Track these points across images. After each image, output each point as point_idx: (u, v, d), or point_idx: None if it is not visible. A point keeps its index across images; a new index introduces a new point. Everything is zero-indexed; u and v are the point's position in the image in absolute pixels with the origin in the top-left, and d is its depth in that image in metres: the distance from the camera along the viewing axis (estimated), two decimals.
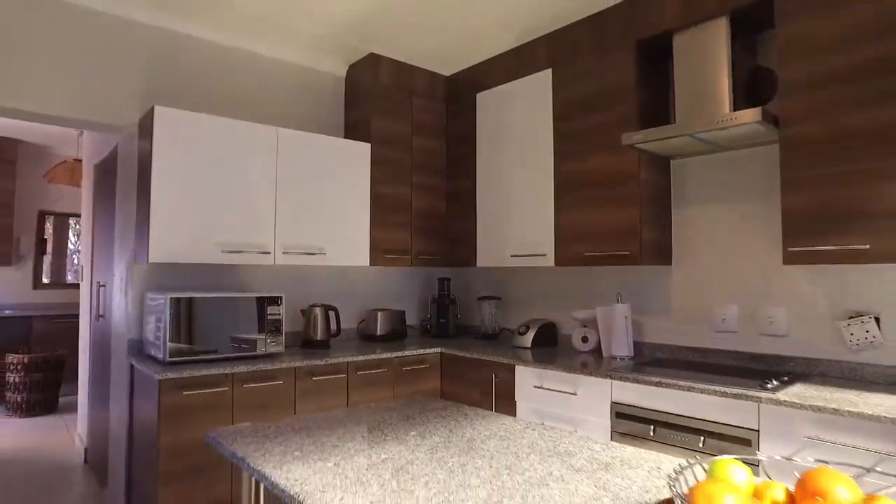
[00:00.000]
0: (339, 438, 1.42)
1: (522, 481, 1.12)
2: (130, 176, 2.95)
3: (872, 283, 2.22)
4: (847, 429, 1.77)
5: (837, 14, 2.05)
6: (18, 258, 5.95)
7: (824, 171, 2.07)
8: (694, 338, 2.74)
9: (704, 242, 2.72)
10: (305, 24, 2.99)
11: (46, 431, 4.55)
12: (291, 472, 1.17)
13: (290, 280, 3.32)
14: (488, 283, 3.78)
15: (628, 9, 2.72)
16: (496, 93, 3.36)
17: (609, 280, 3.09)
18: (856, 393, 1.97)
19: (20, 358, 4.95)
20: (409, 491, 1.07)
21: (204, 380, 2.41)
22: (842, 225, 2.02)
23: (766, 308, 2.50)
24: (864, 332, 2.22)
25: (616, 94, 2.73)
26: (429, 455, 1.29)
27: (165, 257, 2.56)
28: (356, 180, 3.24)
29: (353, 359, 2.85)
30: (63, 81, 2.68)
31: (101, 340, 3.50)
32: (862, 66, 1.99)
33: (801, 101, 2.13)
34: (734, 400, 2.02)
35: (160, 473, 2.31)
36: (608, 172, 2.74)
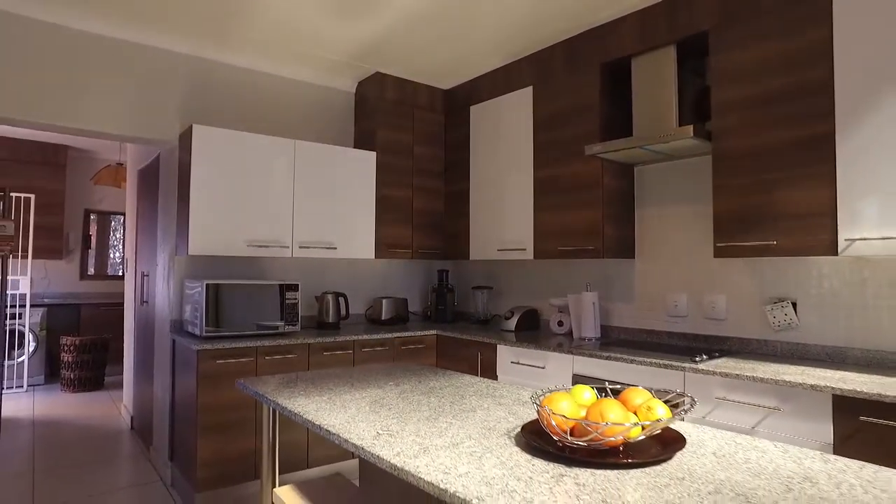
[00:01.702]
0: (334, 385, 1.90)
1: (458, 409, 1.58)
2: (171, 181, 3.48)
3: (790, 273, 2.61)
4: (745, 390, 2.18)
5: (754, 49, 2.45)
6: (68, 252, 6.60)
7: (744, 180, 2.47)
8: (651, 321, 3.15)
9: (661, 239, 3.13)
10: (320, 50, 3.47)
11: (96, 404, 5.16)
12: (296, 402, 1.65)
13: (306, 271, 3.82)
14: (482, 274, 4.23)
15: (595, 35, 3.14)
16: (487, 106, 3.80)
17: (581, 271, 3.51)
18: (763, 364, 2.38)
19: (73, 340, 5.58)
20: (375, 412, 1.54)
21: (233, 351, 2.93)
22: (756, 224, 2.43)
23: (710, 295, 2.90)
24: (783, 315, 2.61)
25: (583, 109, 3.15)
26: (397, 395, 1.76)
27: (201, 251, 3.08)
28: (363, 184, 3.71)
29: (359, 337, 3.34)
30: (116, 104, 3.21)
31: (145, 322, 4.06)
32: (773, 93, 2.39)
33: (727, 120, 2.54)
34: (666, 370, 2.45)
35: (199, 427, 2.83)
36: (576, 178, 3.17)
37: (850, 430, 1.92)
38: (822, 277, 2.51)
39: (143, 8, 2.91)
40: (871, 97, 2.11)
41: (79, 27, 3.10)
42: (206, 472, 2.84)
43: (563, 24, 3.14)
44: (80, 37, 3.11)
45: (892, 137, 2.06)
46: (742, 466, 1.13)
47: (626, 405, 1.22)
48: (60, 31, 3.05)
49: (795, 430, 2.05)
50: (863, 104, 2.13)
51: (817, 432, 1.99)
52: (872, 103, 2.11)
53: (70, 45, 3.08)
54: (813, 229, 2.27)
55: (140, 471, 3.46)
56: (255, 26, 3.13)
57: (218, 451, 2.87)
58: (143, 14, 2.97)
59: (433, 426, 1.40)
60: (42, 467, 3.49)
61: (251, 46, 3.41)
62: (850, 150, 2.17)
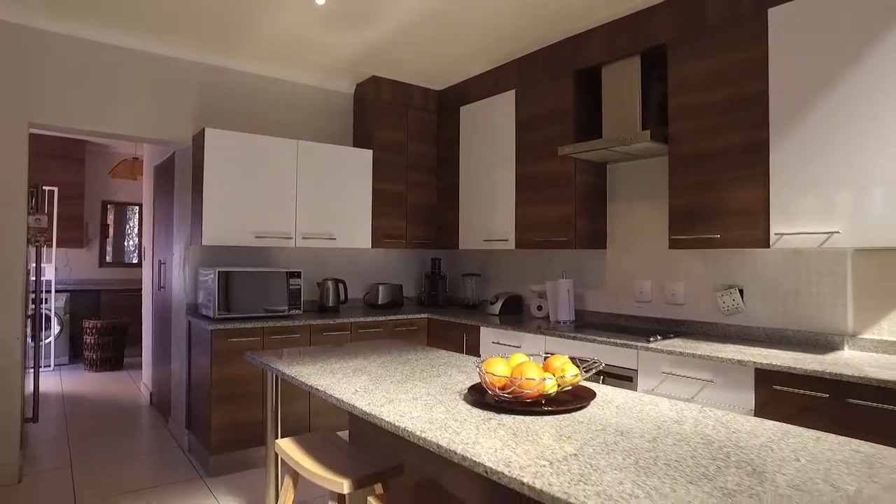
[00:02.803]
0: (326, 357, 2.24)
1: (425, 374, 1.92)
2: (186, 178, 3.82)
3: (738, 263, 2.92)
4: (687, 365, 2.51)
5: (704, 62, 2.74)
6: (87, 241, 7.00)
7: (694, 179, 2.78)
8: (620, 306, 3.47)
9: (630, 231, 3.43)
10: (321, 57, 3.78)
11: (117, 382, 5.57)
12: (293, 368, 1.99)
13: (308, 259, 4.17)
14: (472, 262, 4.56)
15: (569, 44, 3.42)
16: (475, 107, 4.10)
17: (559, 260, 3.83)
18: (707, 343, 2.70)
19: (94, 323, 5.99)
20: (357, 376, 1.88)
21: (243, 331, 3.28)
22: (703, 220, 2.73)
23: (671, 283, 3.21)
24: (732, 301, 2.92)
25: (559, 112, 3.45)
26: (378, 364, 2.10)
27: (214, 241, 3.43)
28: (361, 179, 4.04)
29: (356, 320, 3.69)
30: (137, 110, 3.55)
31: (162, 306, 4.43)
32: (720, 102, 2.68)
33: (682, 125, 2.83)
34: (623, 348, 2.77)
35: (212, 398, 3.20)
36: (552, 176, 3.48)
37: (767, 397, 2.24)
38: (765, 267, 2.82)
39: (161, 22, 3.23)
40: (798, 109, 2.40)
41: (106, 41, 3.43)
42: (219, 437, 3.21)
43: (542, 34, 3.43)
44: (106, 50, 3.44)
45: (815, 146, 2.35)
46: (634, 415, 1.46)
47: (547, 368, 1.55)
48: (90, 45, 3.39)
49: (725, 398, 2.37)
50: (791, 116, 2.43)
51: (742, 400, 2.32)
52: (799, 115, 2.40)
53: (97, 58, 3.41)
54: (749, 225, 2.57)
55: (160, 439, 3.85)
56: (261, 37, 3.44)
57: (230, 418, 3.24)
58: (160, 27, 3.30)
59: (401, 386, 1.74)
60: (74, 434, 3.89)
61: (257, 54, 3.72)
62: (780, 155, 2.46)
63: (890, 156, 2.15)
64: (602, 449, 1.19)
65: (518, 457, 1.14)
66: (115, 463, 3.38)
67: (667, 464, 1.11)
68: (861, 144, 2.22)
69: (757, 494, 0.96)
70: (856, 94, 2.24)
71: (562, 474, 1.04)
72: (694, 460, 1.13)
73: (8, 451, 3.06)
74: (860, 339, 2.50)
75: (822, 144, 2.33)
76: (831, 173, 2.31)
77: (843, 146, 2.27)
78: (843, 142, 2.27)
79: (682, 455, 1.16)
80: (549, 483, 1.00)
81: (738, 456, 1.16)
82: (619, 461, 1.12)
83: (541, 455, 1.15)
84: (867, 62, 2.21)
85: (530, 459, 1.12)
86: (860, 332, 2.52)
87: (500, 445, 1.20)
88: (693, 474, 1.05)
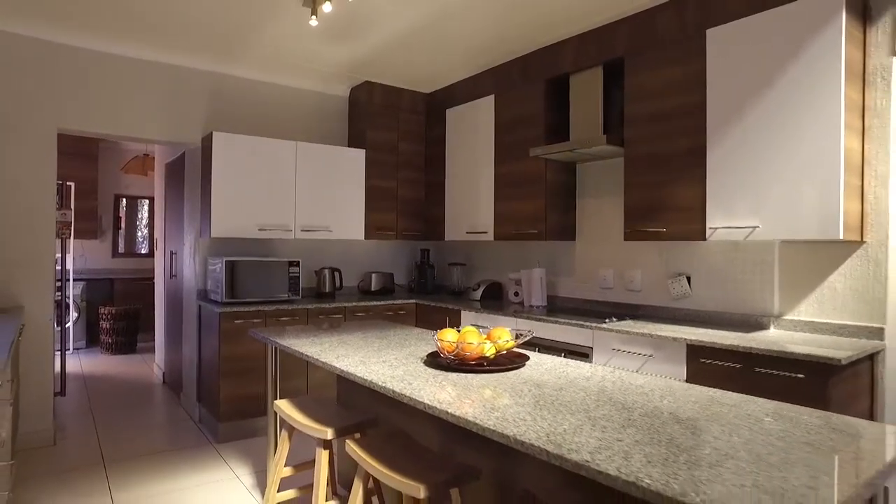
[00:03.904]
0: (317, 333, 2.63)
1: (397, 345, 2.30)
2: (195, 176, 4.21)
3: (687, 253, 3.28)
4: (633, 343, 2.88)
5: (654, 74, 3.08)
6: (101, 233, 7.41)
7: (645, 179, 3.13)
8: (587, 292, 3.84)
9: (596, 224, 3.79)
10: (317, 65, 4.14)
11: (132, 364, 6.00)
12: (289, 341, 2.38)
13: (307, 250, 4.56)
14: (458, 252, 4.94)
15: (541, 54, 3.77)
16: (460, 109, 4.46)
17: (534, 250, 4.20)
18: (653, 324, 3.07)
19: (109, 310, 6.41)
20: (341, 347, 2.26)
21: (247, 314, 3.68)
22: (652, 215, 3.09)
23: (630, 271, 3.58)
24: (680, 287, 3.29)
25: (531, 117, 3.81)
26: (360, 338, 2.49)
27: (221, 233, 3.81)
28: (355, 177, 4.41)
29: (349, 304, 4.08)
30: (151, 114, 3.93)
31: (173, 293, 4.84)
32: (667, 111, 3.03)
33: (635, 131, 3.18)
34: (580, 328, 3.14)
35: (221, 373, 3.60)
36: (525, 175, 3.84)
37: (696, 369, 2.61)
38: (709, 257, 3.18)
39: (172, 35, 3.60)
40: (730, 119, 2.75)
41: (123, 53, 3.80)
42: (227, 407, 3.62)
43: (518, 45, 3.77)
44: (123, 61, 3.82)
45: (741, 151, 2.71)
46: (554, 374, 1.84)
47: (489, 338, 1.93)
48: (109, 58, 3.76)
49: (663, 370, 2.75)
50: (724, 124, 2.78)
51: (676, 371, 2.69)
52: (730, 124, 2.75)
53: (116, 69, 3.79)
54: (690, 220, 2.93)
55: (173, 412, 4.27)
56: (263, 48, 3.81)
57: (236, 391, 3.65)
58: (172, 40, 3.66)
59: (375, 354, 2.13)
60: (96, 407, 4.31)
61: (260, 63, 4.09)
62: (715, 159, 2.82)
63: (797, 161, 2.50)
64: (514, 393, 1.57)
65: (449, 398, 1.52)
66: (134, 431, 3.80)
67: (561, 403, 1.49)
68: (775, 152, 2.58)
69: (614, 418, 1.34)
70: (773, 108, 2.59)
71: (477, 407, 1.43)
72: (583, 402, 1.51)
73: (44, 418, 3.48)
74: (784, 319, 2.87)
75: (746, 150, 2.69)
76: (753, 176, 2.66)
77: (763, 152, 2.63)
78: (763, 149, 2.63)
79: (576, 398, 1.54)
80: (465, 412, 1.39)
81: (617, 399, 1.53)
82: (525, 401, 1.50)
83: (466, 396, 1.53)
84: (784, 80, 2.55)
85: (457, 399, 1.50)
86: (784, 313, 2.88)
87: (437, 390, 1.59)
88: (576, 409, 1.43)
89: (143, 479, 3.02)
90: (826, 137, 2.42)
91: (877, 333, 2.55)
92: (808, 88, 2.48)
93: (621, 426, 1.29)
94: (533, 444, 1.18)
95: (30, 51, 3.51)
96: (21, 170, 3.47)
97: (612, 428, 1.28)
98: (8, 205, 3.43)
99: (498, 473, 1.80)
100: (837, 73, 2.40)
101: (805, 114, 2.49)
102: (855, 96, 2.50)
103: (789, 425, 1.31)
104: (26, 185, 3.48)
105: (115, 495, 2.82)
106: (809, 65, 2.47)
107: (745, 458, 1.10)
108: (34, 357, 3.48)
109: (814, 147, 2.46)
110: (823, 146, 2.43)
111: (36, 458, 3.28)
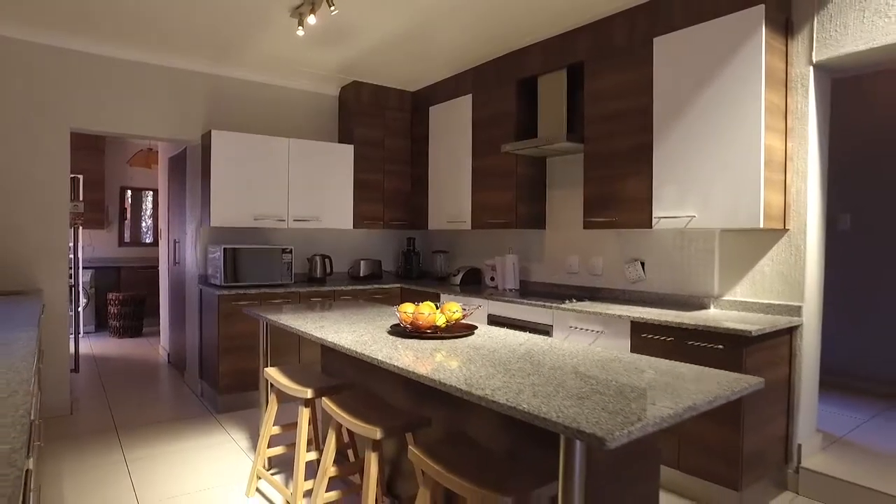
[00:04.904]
0: (302, 311, 2.98)
1: (369, 319, 2.65)
2: (196, 170, 4.55)
3: (642, 240, 3.61)
4: (587, 320, 3.22)
5: (609, 78, 3.40)
6: (108, 223, 7.78)
7: (601, 173, 3.46)
8: (555, 277, 4.18)
9: (563, 214, 4.13)
10: (311, 66, 4.46)
11: (139, 346, 6.38)
12: (277, 316, 2.73)
13: (299, 238, 4.90)
14: (442, 240, 5.28)
15: (514, 57, 4.09)
16: (442, 107, 4.78)
17: (509, 239, 4.54)
18: (607, 305, 3.41)
19: (117, 296, 6.79)
20: (321, 321, 2.61)
21: (244, 297, 4.04)
22: (607, 206, 3.42)
23: (593, 257, 3.92)
24: (635, 271, 3.63)
25: (504, 115, 4.13)
26: (339, 315, 2.84)
27: (220, 223, 4.16)
28: (343, 170, 4.75)
29: (338, 288, 4.44)
30: (156, 113, 4.27)
31: (176, 279, 5.20)
32: (620, 111, 3.35)
33: (593, 129, 3.51)
34: (542, 308, 3.49)
35: (220, 350, 3.97)
36: (498, 168, 4.17)
37: (638, 343, 2.96)
38: (661, 244, 3.51)
39: (174, 41, 3.92)
40: (672, 120, 3.08)
41: (129, 58, 4.13)
42: (226, 381, 3.99)
43: (493, 48, 4.09)
44: (130, 65, 4.15)
45: (680, 149, 3.03)
46: (495, 341, 2.18)
47: (442, 311, 2.27)
48: (116, 62, 4.09)
49: (611, 344, 3.09)
50: (667, 124, 3.10)
51: (622, 345, 3.04)
52: (672, 124, 3.07)
53: (123, 73, 4.12)
54: (638, 210, 3.26)
55: (177, 387, 4.65)
56: (258, 52, 4.13)
57: (234, 366, 4.02)
58: (174, 45, 3.99)
59: (348, 326, 2.48)
60: (107, 383, 4.69)
61: (255, 66, 4.42)
62: (659, 155, 3.14)
63: (725, 158, 2.83)
64: (453, 353, 1.92)
65: (399, 356, 1.87)
66: (142, 403, 4.18)
67: (488, 360, 1.83)
68: (707, 149, 2.91)
69: (525, 370, 1.69)
70: (707, 110, 2.91)
71: (420, 363, 1.77)
72: (507, 360, 1.85)
73: (62, 390, 3.86)
74: (722, 299, 3.21)
75: (684, 148, 3.01)
76: (690, 171, 2.99)
77: (698, 150, 2.95)
78: (698, 147, 2.95)
79: (502, 357, 1.88)
80: (408, 364, 1.74)
81: (536, 359, 1.88)
82: (460, 358, 1.85)
83: (413, 355, 1.88)
84: (715, 86, 2.87)
85: (405, 356, 1.85)
86: (723, 294, 3.22)
87: (392, 352, 1.94)
88: (498, 364, 1.78)
89: (151, 442, 3.39)
90: (748, 137, 2.75)
91: (796, 311, 2.89)
92: (734, 94, 2.80)
93: (527, 375, 1.64)
94: (452, 384, 1.53)
95: (44, 58, 3.84)
96: (38, 166, 3.82)
97: (519, 376, 1.63)
98: (27, 198, 3.78)
99: (445, 421, 2.16)
100: (758, 81, 2.71)
101: (731, 116, 2.81)
102: (777, 101, 2.82)
103: (660, 375, 1.66)
104: (43, 179, 3.83)
105: (127, 454, 3.19)
106: (735, 73, 2.79)
107: (610, 394, 1.44)
108: (52, 335, 3.85)
109: (738, 146, 2.79)
110: (746, 145, 2.76)
111: (56, 425, 3.66)
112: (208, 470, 3.00)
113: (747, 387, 1.54)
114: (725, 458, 2.60)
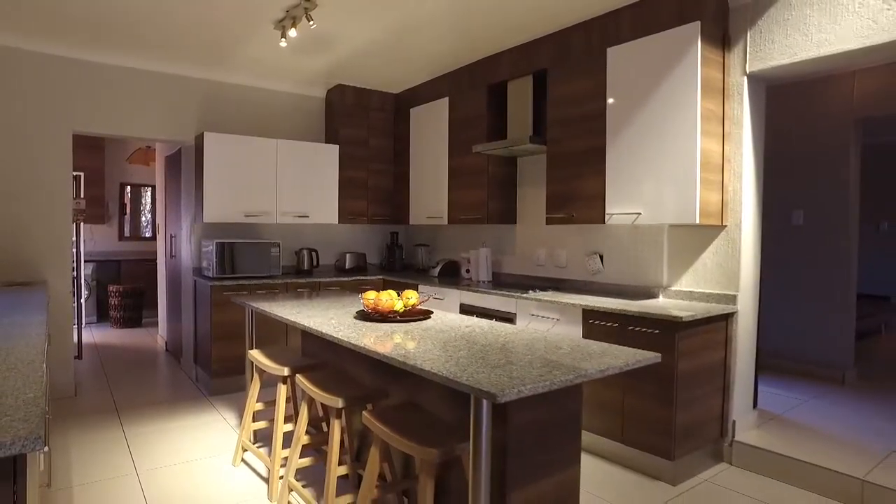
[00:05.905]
0: (284, 300, 3.28)
1: (340, 307, 2.95)
2: (190, 169, 4.84)
3: (602, 235, 3.90)
4: (545, 309, 3.52)
5: (568, 84, 3.68)
6: (108, 218, 8.08)
7: (561, 173, 3.75)
8: (525, 269, 4.48)
9: (532, 210, 4.41)
10: (298, 71, 4.74)
11: (138, 336, 6.70)
12: (261, 304, 3.03)
13: (288, 233, 5.20)
14: (423, 235, 5.57)
15: (485, 63, 4.36)
16: (422, 109, 5.06)
17: (484, 233, 4.84)
18: (566, 294, 3.70)
19: (117, 288, 7.10)
20: (298, 308, 2.91)
21: (235, 287, 4.34)
22: (565, 203, 3.71)
23: (558, 251, 4.21)
24: (595, 264, 3.92)
25: (476, 118, 4.41)
26: (317, 302, 3.14)
27: (213, 219, 4.46)
28: (329, 169, 5.03)
29: (324, 280, 4.74)
30: (150, 116, 4.56)
31: (173, 271, 5.50)
32: (578, 116, 3.63)
33: (554, 132, 3.79)
34: (507, 297, 3.79)
35: (212, 337, 4.28)
36: (471, 167, 4.45)
37: (589, 329, 3.26)
38: (617, 238, 3.80)
39: (168, 48, 4.21)
40: (622, 125, 3.36)
41: (126, 65, 4.41)
42: (218, 366, 4.30)
43: (467, 55, 4.36)
44: (127, 72, 4.43)
45: (630, 151, 3.31)
46: (447, 325, 2.48)
47: (401, 297, 2.57)
48: (115, 69, 4.38)
49: (566, 330, 3.39)
50: (619, 129, 3.38)
51: (574, 332, 3.33)
52: (622, 129, 3.35)
53: (121, 79, 4.41)
54: (594, 207, 3.55)
55: (174, 373, 4.96)
56: (246, 58, 4.41)
57: (225, 352, 4.33)
58: (168, 52, 4.27)
59: (321, 311, 2.78)
60: (108, 369, 5.01)
61: (244, 70, 4.70)
62: (612, 157, 3.43)
63: (666, 160, 3.12)
64: (406, 334, 2.22)
65: (361, 337, 2.17)
66: (141, 386, 4.49)
67: (434, 340, 2.13)
68: (652, 152, 3.19)
69: (460, 346, 1.99)
70: (652, 116, 3.20)
71: (379, 343, 2.07)
72: (449, 339, 2.15)
73: (67, 373, 4.18)
74: (670, 290, 3.50)
75: (633, 150, 3.30)
76: (637, 171, 3.28)
77: (644, 152, 3.24)
78: (644, 149, 3.24)
79: (446, 337, 2.18)
80: (365, 343, 2.03)
81: (475, 339, 2.18)
82: (410, 337, 2.15)
83: (375, 337, 2.18)
84: (658, 94, 3.16)
85: (366, 336, 2.15)
86: (671, 285, 3.52)
87: (353, 332, 2.24)
88: (439, 342, 2.08)
89: (149, 420, 3.71)
90: (686, 142, 3.03)
91: (732, 300, 3.19)
92: (675, 101, 3.08)
93: (458, 350, 1.94)
94: (393, 357, 1.82)
95: (49, 66, 4.13)
96: (43, 168, 4.11)
97: (452, 350, 1.93)
98: (33, 197, 4.08)
99: (401, 393, 2.46)
100: (694, 90, 3.00)
101: (672, 122, 3.09)
102: (714, 108, 3.10)
103: (572, 351, 1.96)
104: (47, 180, 4.13)
105: (127, 430, 3.51)
106: (675, 82, 3.07)
107: (522, 365, 1.74)
108: (57, 324, 4.16)
109: (677, 149, 3.07)
110: (684, 148, 3.04)
111: (61, 406, 3.98)
112: (200, 444, 3.32)
113: (641, 360, 1.84)
114: (661, 431, 2.91)
